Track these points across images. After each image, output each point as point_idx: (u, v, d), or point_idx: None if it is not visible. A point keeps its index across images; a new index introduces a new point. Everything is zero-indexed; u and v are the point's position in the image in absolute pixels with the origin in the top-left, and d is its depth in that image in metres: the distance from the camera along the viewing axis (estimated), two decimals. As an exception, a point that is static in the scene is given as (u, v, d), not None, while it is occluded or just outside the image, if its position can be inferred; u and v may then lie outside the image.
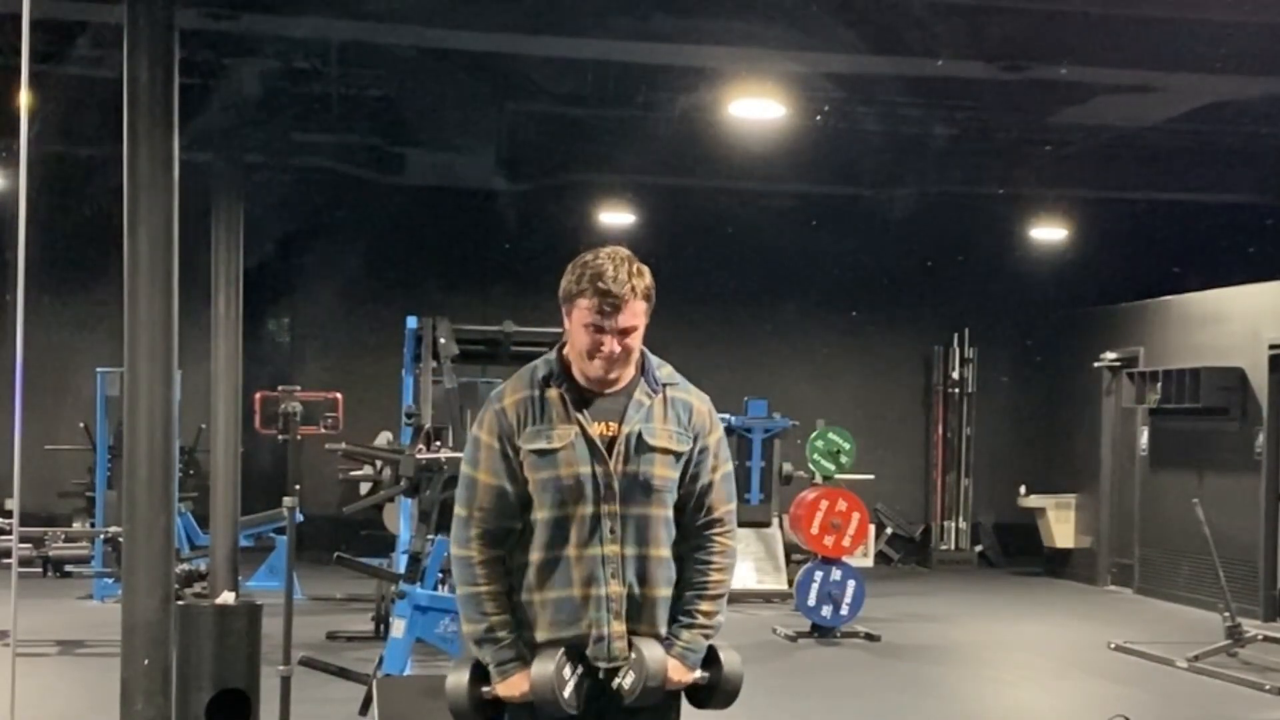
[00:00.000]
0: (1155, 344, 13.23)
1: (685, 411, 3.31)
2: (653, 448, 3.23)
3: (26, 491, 5.06)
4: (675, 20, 8.70)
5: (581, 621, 3.20)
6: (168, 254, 6.26)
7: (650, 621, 3.26)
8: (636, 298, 3.19)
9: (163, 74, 6.21)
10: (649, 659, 3.20)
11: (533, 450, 3.21)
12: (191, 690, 5.89)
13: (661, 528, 3.26)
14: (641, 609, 3.24)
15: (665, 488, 3.25)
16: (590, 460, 3.20)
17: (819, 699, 8.42)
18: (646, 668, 3.19)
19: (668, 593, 3.28)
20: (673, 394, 3.32)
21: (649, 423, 3.25)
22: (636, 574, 3.22)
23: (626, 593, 3.21)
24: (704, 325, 14.76)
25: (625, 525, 3.21)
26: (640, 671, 3.20)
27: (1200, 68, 9.41)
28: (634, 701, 3.20)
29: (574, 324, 3.22)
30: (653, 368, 3.32)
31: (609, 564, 3.19)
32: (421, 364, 9.28)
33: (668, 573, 3.28)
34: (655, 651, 3.22)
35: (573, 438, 3.20)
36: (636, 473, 3.21)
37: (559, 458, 3.19)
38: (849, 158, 12.00)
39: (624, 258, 3.22)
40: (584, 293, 3.17)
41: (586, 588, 3.19)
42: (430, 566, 7.44)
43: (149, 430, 6.24)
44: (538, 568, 3.22)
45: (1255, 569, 11.51)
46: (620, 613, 3.21)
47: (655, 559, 3.25)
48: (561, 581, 3.20)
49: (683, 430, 3.28)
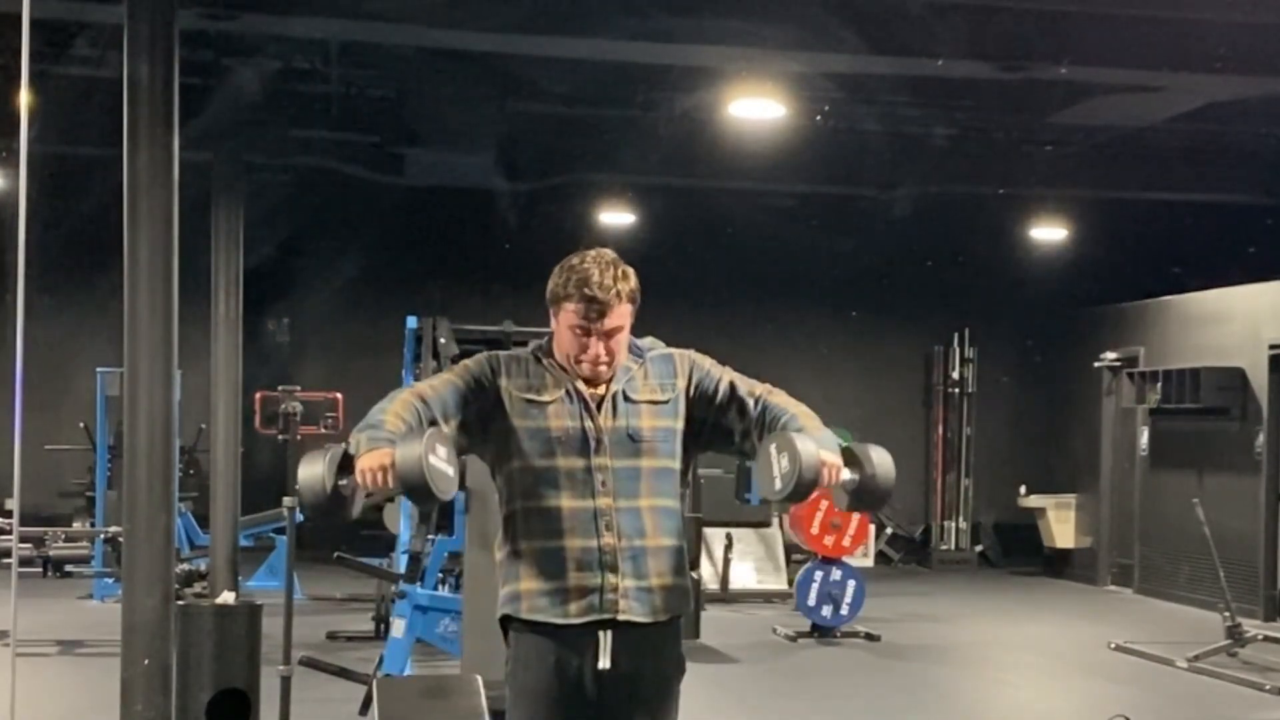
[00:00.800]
0: (1155, 344, 13.23)
1: (665, 363, 3.37)
2: (636, 400, 3.29)
3: (26, 491, 5.06)
4: (675, 20, 8.71)
5: (570, 573, 3.21)
6: (168, 254, 6.26)
7: (659, 571, 3.26)
8: (622, 301, 3.24)
9: (163, 74, 6.20)
10: (799, 443, 3.03)
11: (524, 397, 3.25)
12: (191, 690, 5.89)
13: (655, 479, 3.28)
14: (648, 559, 3.24)
15: (655, 438, 3.28)
16: (580, 415, 3.24)
17: (819, 699, 8.42)
18: (799, 451, 3.02)
19: (669, 542, 3.29)
20: (653, 356, 3.38)
21: (632, 382, 3.31)
22: (632, 526, 3.23)
23: (625, 545, 3.22)
24: (704, 325, 14.70)
25: (616, 478, 3.23)
26: (793, 454, 3.02)
27: (1200, 68, 9.42)
28: (787, 496, 3.06)
29: (560, 326, 3.27)
30: (635, 342, 3.38)
31: (601, 516, 3.21)
32: (421, 364, 9.28)
33: (668, 522, 3.30)
34: (799, 439, 3.06)
35: (563, 394, 3.26)
36: (625, 426, 3.26)
37: (549, 410, 3.24)
38: (849, 158, 12.01)
39: (609, 261, 3.26)
40: (570, 297, 3.22)
41: (578, 539, 3.20)
42: (430, 566, 7.45)
43: (149, 430, 6.24)
44: (526, 517, 3.25)
45: (1255, 569, 11.51)
46: (615, 564, 3.21)
47: (649, 509, 3.26)
48: (551, 532, 3.22)
49: (665, 381, 3.34)
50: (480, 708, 5.11)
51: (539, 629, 3.24)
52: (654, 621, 3.26)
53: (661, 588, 3.27)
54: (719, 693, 8.33)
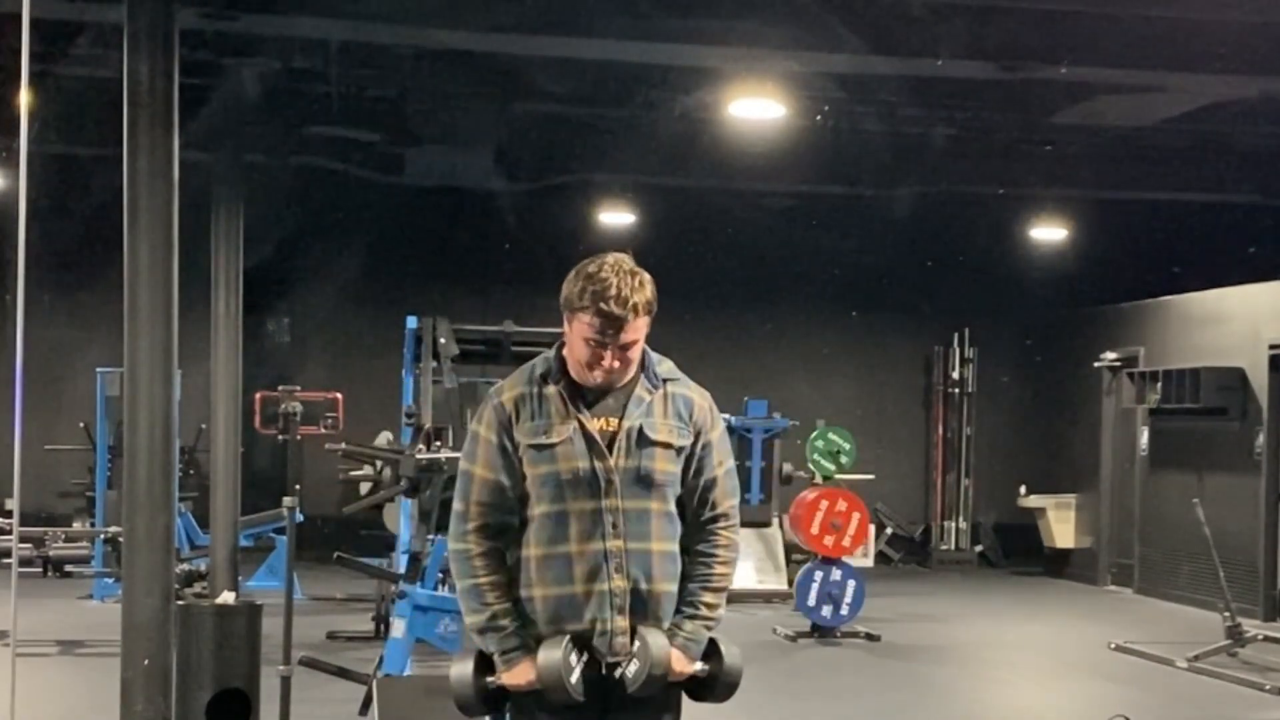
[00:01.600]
0: (1155, 344, 13.23)
1: (686, 407, 3.30)
2: (654, 442, 3.23)
3: (26, 491, 5.05)
4: (675, 20, 8.70)
5: (584, 617, 3.20)
6: (168, 254, 6.26)
7: (655, 616, 3.26)
8: (639, 315, 3.18)
9: (163, 74, 6.20)
10: (653, 647, 3.19)
11: (531, 445, 3.21)
12: (191, 690, 5.89)
13: (664, 522, 3.26)
14: (647, 603, 3.24)
15: (667, 482, 3.25)
16: (589, 455, 3.19)
17: (819, 699, 8.42)
18: (651, 656, 3.18)
19: (672, 588, 3.28)
20: (673, 389, 3.31)
21: (649, 417, 3.24)
22: (640, 569, 3.22)
23: (630, 587, 3.21)
24: (704, 325, 14.75)
25: (627, 520, 3.20)
26: (644, 660, 3.19)
27: (1200, 68, 9.41)
28: (636, 691, 3.20)
29: (574, 334, 3.21)
30: (653, 364, 3.31)
31: (612, 559, 3.19)
32: (421, 364, 9.29)
33: (672, 567, 3.28)
34: (659, 640, 3.21)
35: (571, 433, 3.20)
36: (638, 467, 3.21)
37: (557, 452, 3.19)
38: (849, 158, 11.99)
39: (627, 271, 3.19)
40: (586, 309, 3.16)
41: (589, 583, 3.19)
42: (430, 566, 7.44)
43: (149, 430, 6.24)
44: (538, 563, 3.22)
45: (1255, 569, 11.52)
46: (624, 608, 3.20)
47: (658, 554, 3.25)
48: (563, 577, 3.20)
49: (683, 425, 3.28)
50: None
51: None
52: None
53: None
54: (719, 693, 8.32)
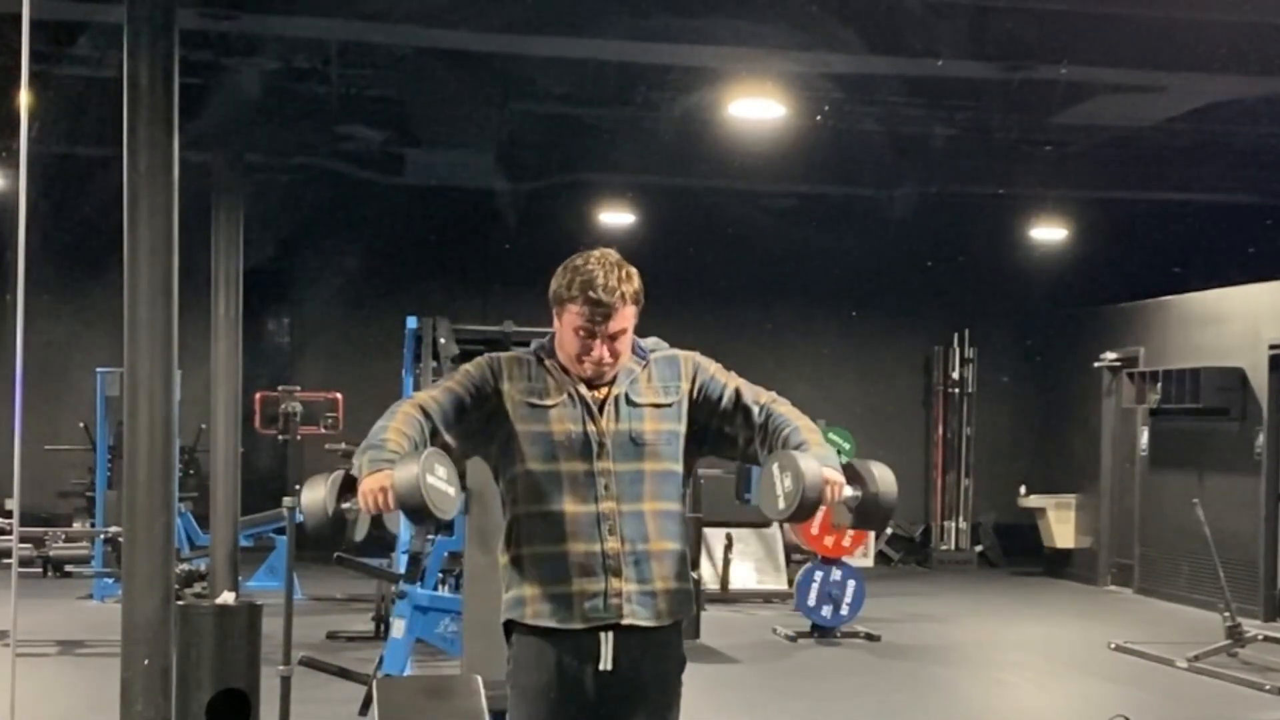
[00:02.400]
0: (1155, 344, 13.23)
1: (670, 366, 3.35)
2: (639, 404, 3.27)
3: (26, 491, 5.06)
4: (675, 20, 8.70)
5: (574, 578, 3.20)
6: (168, 254, 6.26)
7: (663, 576, 3.25)
8: (626, 304, 3.22)
9: (163, 74, 6.20)
10: (802, 462, 3.02)
11: (526, 401, 3.24)
12: (191, 690, 5.89)
13: (658, 482, 3.26)
14: (651, 563, 3.23)
15: (658, 441, 3.27)
16: (583, 418, 3.23)
17: (819, 699, 8.42)
18: (802, 470, 3.01)
19: (673, 545, 3.28)
20: (656, 358, 3.36)
21: (635, 384, 3.29)
22: (635, 530, 3.22)
23: (629, 550, 3.21)
24: (704, 325, 14.72)
25: (619, 481, 3.22)
26: (796, 474, 3.01)
27: (1200, 68, 9.41)
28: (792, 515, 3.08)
29: (564, 327, 3.25)
30: (639, 342, 3.37)
31: (605, 520, 3.20)
32: (421, 364, 9.28)
33: (671, 525, 3.28)
34: (803, 457, 3.06)
35: (565, 397, 3.24)
36: (628, 429, 3.24)
37: (551, 414, 3.23)
38: (849, 158, 11.99)
39: (613, 263, 3.24)
40: (574, 300, 3.20)
41: (581, 543, 3.19)
42: (430, 566, 7.45)
43: (149, 430, 6.24)
44: (529, 522, 3.24)
45: (1255, 569, 11.51)
46: (619, 569, 3.20)
47: (653, 513, 3.25)
48: (554, 537, 3.21)
49: (669, 384, 3.32)
50: (480, 708, 5.11)
51: (542, 634, 3.24)
52: (657, 625, 3.25)
53: (665, 591, 3.26)
54: (719, 693, 8.33)
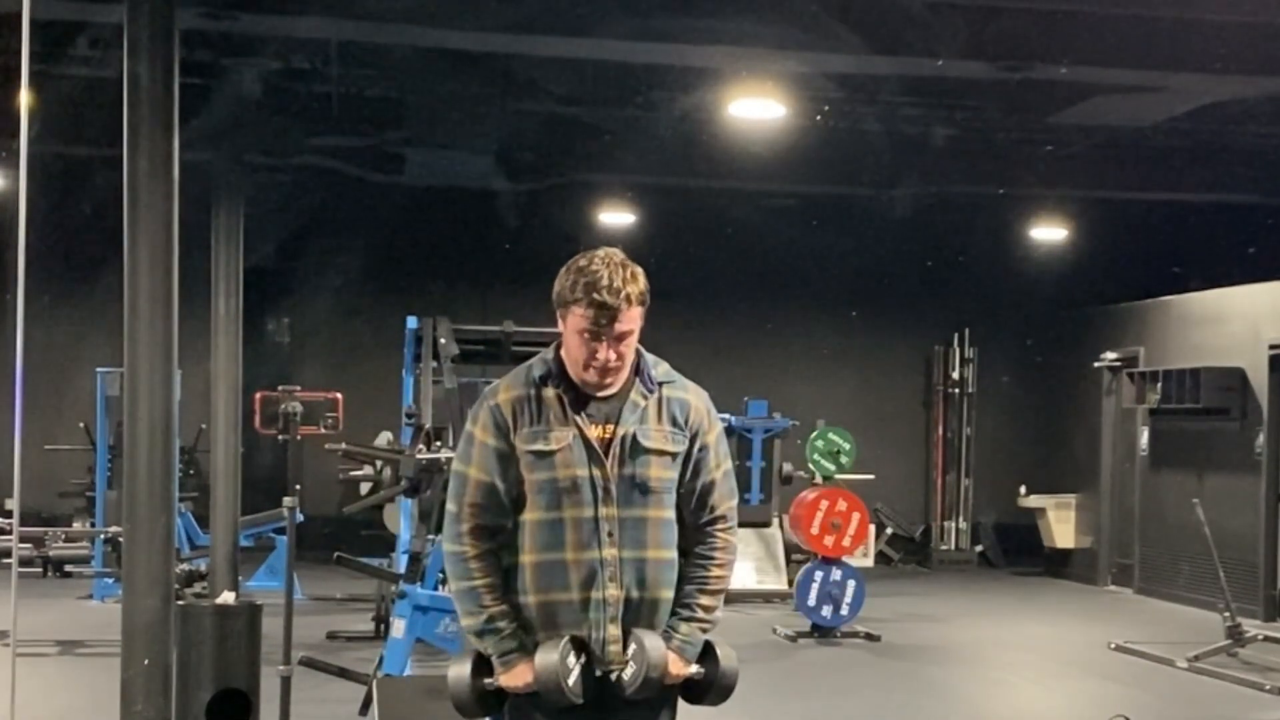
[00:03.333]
0: (1155, 344, 13.23)
1: (681, 410, 3.29)
2: (648, 449, 3.21)
3: (26, 491, 5.06)
4: (675, 20, 8.70)
5: (580, 625, 3.18)
6: (168, 254, 6.26)
7: (651, 622, 3.25)
8: (632, 305, 3.17)
9: (163, 74, 6.21)
10: (650, 650, 3.18)
11: (530, 451, 3.19)
12: (191, 690, 5.89)
13: (660, 529, 3.24)
14: (641, 611, 3.22)
15: (662, 489, 3.24)
16: (588, 463, 3.18)
17: (819, 699, 8.42)
18: (648, 658, 3.17)
19: (669, 594, 3.27)
20: (668, 393, 3.29)
21: (644, 424, 3.22)
22: (635, 577, 3.20)
23: (624, 596, 3.19)
24: (704, 325, 14.76)
25: (623, 528, 3.19)
26: (641, 663, 3.18)
27: (1200, 68, 9.41)
28: (633, 694, 3.19)
29: (569, 330, 3.21)
30: (648, 367, 3.29)
31: (607, 567, 3.18)
32: (422, 364, 9.28)
33: (669, 574, 3.27)
34: (655, 643, 3.20)
35: (570, 440, 3.18)
36: (633, 475, 3.20)
37: (556, 460, 3.18)
38: (849, 158, 11.99)
39: (618, 263, 3.19)
40: (579, 301, 3.15)
41: (584, 591, 3.17)
42: (430, 566, 7.44)
43: (149, 430, 6.24)
44: (532, 569, 3.21)
45: (1255, 569, 11.51)
46: (617, 617, 3.19)
47: (654, 561, 3.23)
48: (557, 584, 3.18)
49: (678, 430, 3.26)
50: (480, 708, 5.10)
51: None
52: None
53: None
54: (719, 693, 8.32)
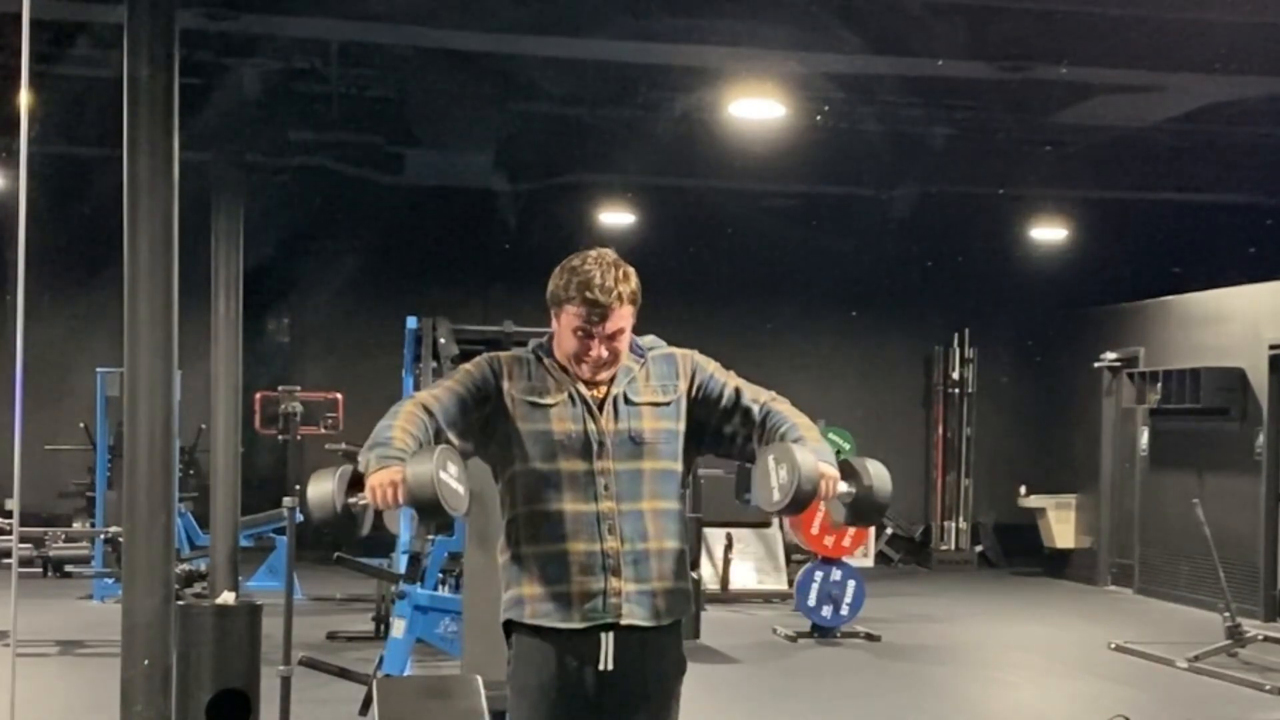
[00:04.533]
0: (1155, 344, 13.23)
1: (668, 364, 3.36)
2: (637, 403, 3.27)
3: (26, 491, 5.05)
4: (675, 20, 8.70)
5: (573, 577, 3.20)
6: (168, 254, 6.26)
7: (661, 575, 3.25)
8: (623, 304, 3.23)
9: (163, 74, 6.21)
10: (798, 454, 3.03)
11: (526, 400, 3.24)
12: (191, 690, 5.89)
13: (657, 481, 3.27)
14: (650, 561, 3.23)
15: (657, 440, 3.27)
16: (583, 418, 3.23)
17: (819, 699, 8.42)
18: (798, 462, 3.02)
19: (672, 544, 3.28)
20: (654, 355, 3.37)
21: (634, 384, 3.30)
22: (634, 529, 3.22)
23: (629, 549, 3.21)
24: (704, 325, 14.71)
25: (619, 480, 3.22)
26: (792, 471, 3.02)
27: (1200, 68, 9.42)
28: (785, 507, 3.06)
29: (562, 327, 3.27)
30: (636, 341, 3.37)
31: (604, 520, 3.20)
32: (421, 364, 9.28)
33: (670, 525, 3.28)
34: (800, 450, 3.06)
35: (565, 396, 3.25)
36: (627, 429, 3.25)
37: (551, 413, 3.23)
38: (849, 158, 12.00)
39: (610, 262, 3.25)
40: (571, 300, 3.21)
41: (581, 543, 3.19)
42: (430, 566, 7.45)
43: (149, 430, 6.24)
44: (528, 521, 3.24)
45: (1255, 569, 11.51)
46: (618, 568, 3.20)
47: (653, 512, 3.25)
48: (553, 536, 3.21)
49: (667, 382, 3.32)
50: (480, 708, 5.11)
51: (542, 633, 3.24)
52: (656, 625, 3.25)
53: (664, 591, 3.26)
54: (719, 693, 8.33)
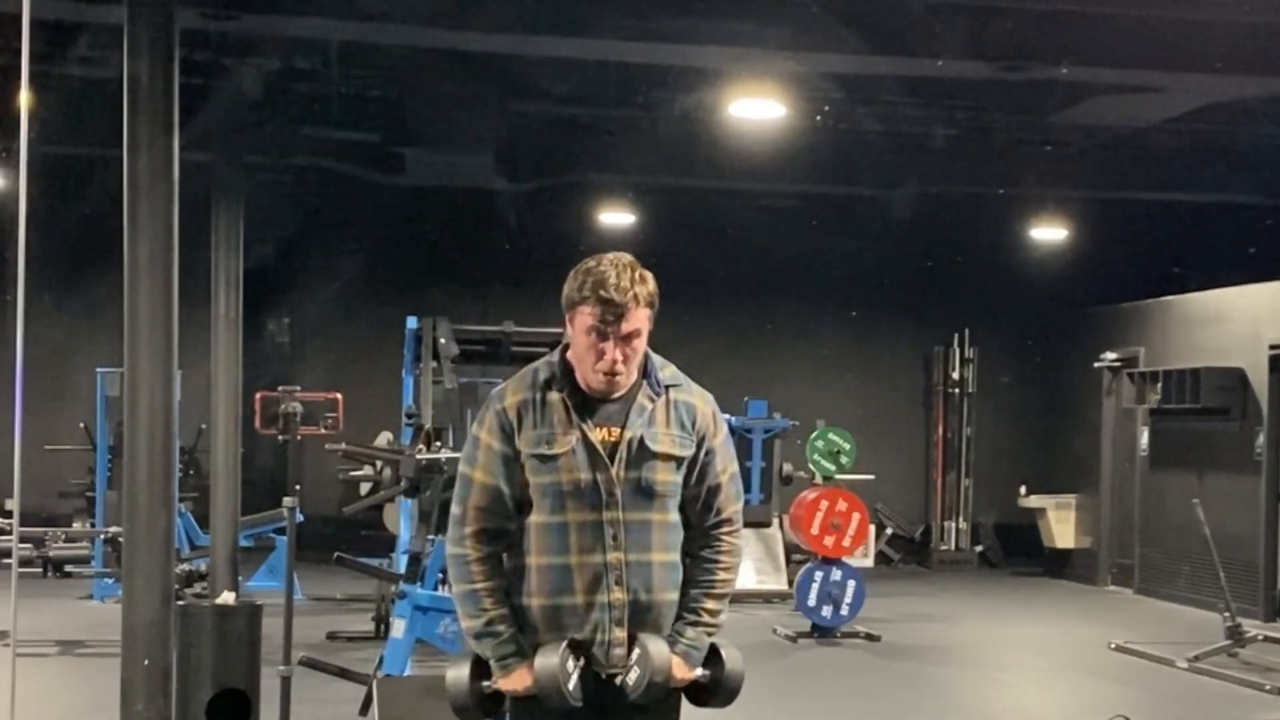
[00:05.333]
0: (1155, 344, 13.23)
1: (689, 414, 3.28)
2: (655, 454, 3.21)
3: (26, 491, 5.05)
4: (675, 20, 8.70)
5: (584, 627, 3.19)
6: (168, 254, 6.27)
7: (656, 625, 3.25)
8: (640, 305, 3.17)
9: (163, 74, 6.22)
10: (654, 655, 3.18)
11: (534, 455, 3.19)
12: (191, 690, 5.89)
13: (665, 533, 3.25)
14: (647, 614, 3.23)
15: (668, 492, 3.24)
16: (592, 467, 3.18)
17: (819, 699, 8.42)
18: (651, 663, 3.17)
19: (674, 597, 3.27)
20: (675, 396, 3.29)
21: (651, 427, 3.22)
22: (640, 580, 3.21)
23: (630, 599, 3.20)
24: (704, 325, 14.75)
25: (628, 531, 3.19)
26: (645, 667, 3.18)
27: (1200, 68, 9.41)
28: (637, 698, 3.18)
29: (577, 330, 3.20)
30: (655, 369, 3.29)
31: (612, 571, 3.18)
32: (422, 364, 9.28)
33: (674, 576, 3.27)
34: (660, 648, 3.20)
35: (574, 444, 3.18)
36: (639, 478, 3.20)
37: (560, 464, 3.18)
38: (849, 158, 12.00)
39: (626, 264, 3.20)
40: (586, 300, 3.15)
41: (588, 594, 3.18)
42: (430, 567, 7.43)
43: (149, 430, 6.24)
44: (537, 572, 3.21)
45: (1255, 569, 11.51)
46: (622, 619, 3.19)
47: (659, 564, 3.23)
48: (562, 587, 3.19)
49: (686, 434, 3.26)
50: (480, 708, 5.10)
51: None
52: None
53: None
54: (719, 693, 8.32)
